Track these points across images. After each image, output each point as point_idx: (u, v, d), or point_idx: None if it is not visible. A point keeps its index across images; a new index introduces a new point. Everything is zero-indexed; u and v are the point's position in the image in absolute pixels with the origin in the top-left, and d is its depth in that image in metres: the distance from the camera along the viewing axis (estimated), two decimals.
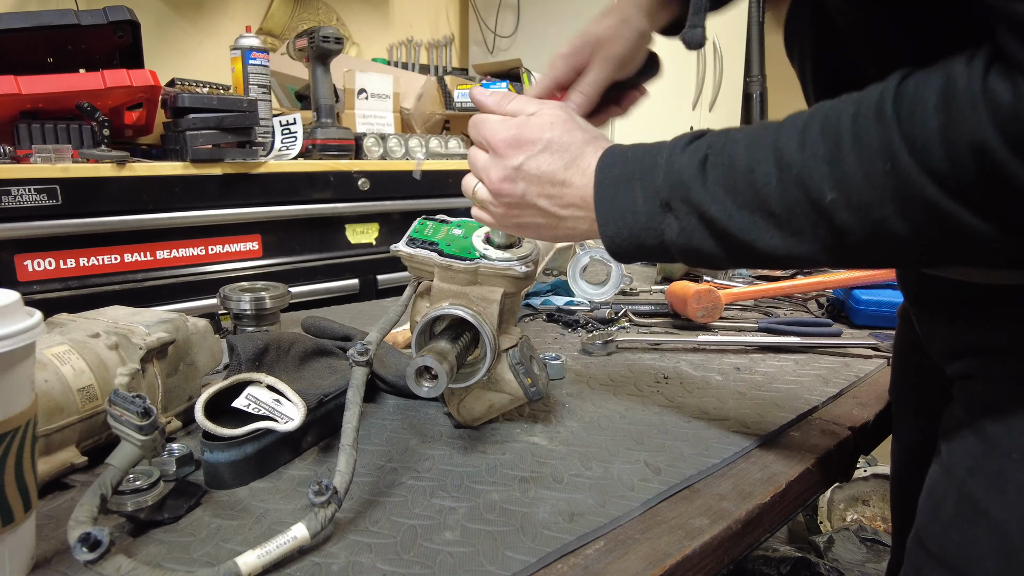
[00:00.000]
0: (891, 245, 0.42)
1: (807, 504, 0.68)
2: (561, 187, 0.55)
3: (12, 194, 1.31)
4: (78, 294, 1.43)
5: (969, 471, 0.49)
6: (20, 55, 1.50)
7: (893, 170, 0.39)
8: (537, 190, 0.56)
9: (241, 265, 1.67)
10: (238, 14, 2.47)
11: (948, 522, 0.50)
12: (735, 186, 0.46)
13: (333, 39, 1.76)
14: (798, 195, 0.43)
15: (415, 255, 0.68)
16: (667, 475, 0.61)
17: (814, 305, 1.26)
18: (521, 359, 0.67)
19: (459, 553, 0.49)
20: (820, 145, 0.42)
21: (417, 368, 0.58)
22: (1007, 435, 0.47)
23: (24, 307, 0.44)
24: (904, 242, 0.41)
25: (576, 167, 0.55)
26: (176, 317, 0.70)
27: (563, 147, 0.56)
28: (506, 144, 0.57)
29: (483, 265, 0.65)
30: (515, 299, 0.70)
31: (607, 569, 0.48)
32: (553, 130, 0.56)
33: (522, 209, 0.58)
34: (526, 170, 0.56)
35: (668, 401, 0.79)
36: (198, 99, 1.54)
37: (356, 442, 0.55)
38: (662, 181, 0.50)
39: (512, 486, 0.59)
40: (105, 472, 0.48)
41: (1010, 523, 0.46)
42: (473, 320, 0.64)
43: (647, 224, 0.51)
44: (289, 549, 0.47)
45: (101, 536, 0.43)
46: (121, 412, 0.49)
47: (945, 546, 0.50)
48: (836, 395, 0.82)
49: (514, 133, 0.57)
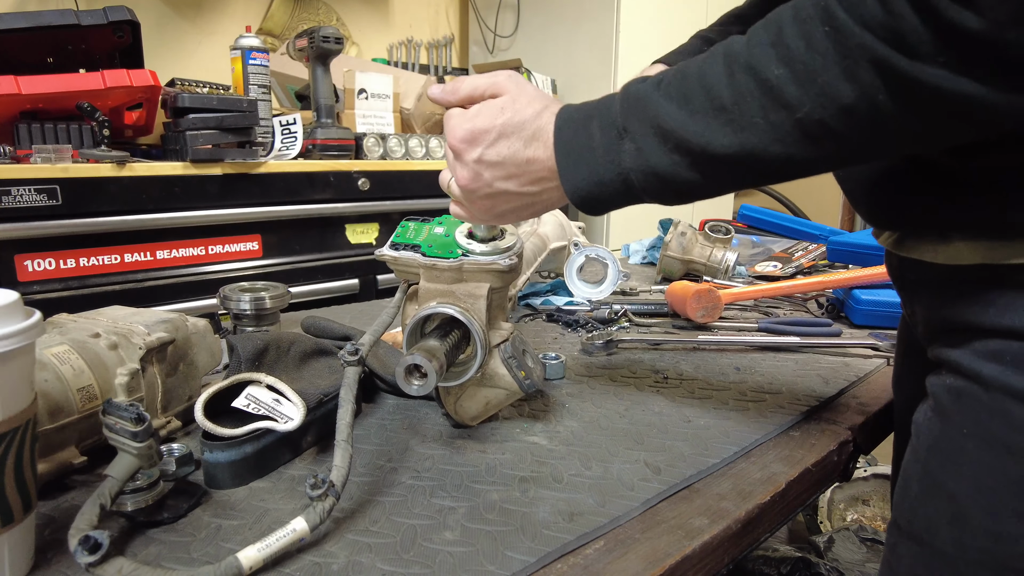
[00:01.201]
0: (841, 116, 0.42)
1: (807, 504, 0.68)
2: (526, 166, 0.55)
3: (12, 194, 1.31)
4: (78, 294, 1.43)
5: (929, 449, 0.52)
6: (20, 55, 1.50)
7: (832, 30, 0.40)
8: (503, 175, 0.56)
9: (241, 265, 1.67)
10: (238, 14, 2.47)
11: (914, 498, 0.53)
12: (687, 94, 0.47)
13: (333, 39, 1.76)
14: (747, 81, 0.44)
15: (399, 258, 0.68)
16: (667, 475, 0.61)
17: (814, 305, 1.26)
18: (513, 352, 0.67)
19: (459, 553, 0.49)
20: (764, 34, 0.44)
21: (407, 366, 0.58)
22: (959, 412, 0.50)
23: (24, 307, 0.44)
24: (853, 110, 0.41)
25: (537, 141, 0.55)
26: (176, 317, 0.70)
27: (517, 127, 0.55)
28: (463, 141, 0.57)
29: (467, 262, 0.65)
30: (502, 293, 0.70)
31: (607, 569, 0.48)
32: (504, 114, 0.56)
33: (495, 199, 0.58)
34: (487, 160, 0.56)
35: (668, 401, 0.79)
36: (198, 99, 1.54)
37: (351, 437, 0.55)
38: (618, 108, 0.50)
39: (512, 486, 0.59)
40: (104, 483, 0.49)
41: (962, 494, 0.48)
42: (461, 316, 0.64)
43: (605, 157, 0.51)
44: (289, 542, 0.47)
45: (101, 539, 0.43)
46: (115, 420, 0.50)
47: (912, 521, 0.52)
48: (836, 395, 0.82)
49: (468, 128, 0.57)
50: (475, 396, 0.69)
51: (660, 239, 1.70)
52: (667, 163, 0.48)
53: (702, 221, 1.64)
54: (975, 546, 0.47)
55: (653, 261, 1.70)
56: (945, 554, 0.49)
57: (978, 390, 0.48)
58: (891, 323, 1.10)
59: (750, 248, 1.70)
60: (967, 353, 0.50)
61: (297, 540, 0.48)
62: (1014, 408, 0.46)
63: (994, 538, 0.46)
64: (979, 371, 0.48)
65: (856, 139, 0.43)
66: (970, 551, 0.48)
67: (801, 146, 0.44)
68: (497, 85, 0.57)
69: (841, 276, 1.19)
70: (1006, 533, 0.46)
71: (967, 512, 0.48)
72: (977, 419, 0.48)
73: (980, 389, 0.48)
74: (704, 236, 1.44)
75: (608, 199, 0.53)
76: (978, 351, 0.49)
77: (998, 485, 0.46)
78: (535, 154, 0.55)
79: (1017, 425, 0.46)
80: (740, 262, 1.53)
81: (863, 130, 0.42)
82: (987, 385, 0.48)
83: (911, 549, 0.52)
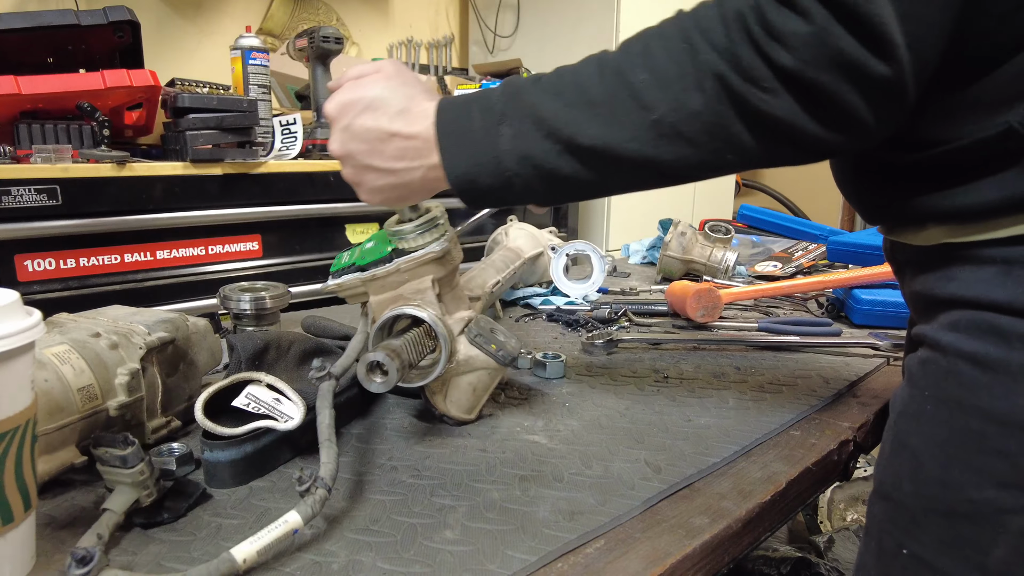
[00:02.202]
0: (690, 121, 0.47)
1: (807, 504, 0.68)
2: (389, 140, 0.57)
3: (12, 194, 1.31)
4: (78, 294, 1.43)
5: (899, 415, 0.56)
6: (20, 55, 1.50)
7: (688, 47, 0.47)
8: (367, 148, 0.58)
9: (241, 265, 1.67)
10: (238, 14, 2.47)
11: (885, 459, 0.56)
12: (563, 89, 0.52)
13: (333, 39, 1.76)
14: (615, 82, 0.50)
15: (343, 283, 0.69)
16: (667, 474, 0.61)
17: (814, 305, 1.26)
18: (479, 331, 0.69)
19: (459, 552, 0.49)
20: (634, 45, 0.50)
21: (368, 363, 0.59)
22: (923, 378, 0.54)
23: (23, 307, 0.44)
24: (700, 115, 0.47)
25: (407, 116, 0.56)
26: (176, 317, 0.70)
27: (383, 102, 0.57)
28: (335, 109, 0.59)
29: (402, 262, 0.67)
30: (450, 280, 0.71)
31: (607, 568, 0.48)
32: (373, 89, 0.57)
33: (364, 172, 0.59)
34: (354, 130, 0.58)
35: (668, 400, 0.79)
36: (198, 99, 1.54)
37: (333, 436, 0.56)
38: (498, 96, 0.54)
39: (512, 485, 0.59)
40: (103, 517, 0.49)
41: (920, 449, 0.52)
42: (413, 311, 0.65)
43: (484, 139, 0.53)
44: (282, 533, 0.47)
45: (93, 551, 0.43)
46: (104, 451, 0.50)
47: (882, 479, 0.56)
48: (836, 395, 0.82)
49: (340, 98, 0.58)
50: (459, 386, 0.70)
51: (660, 239, 1.70)
52: (540, 149, 0.52)
53: (702, 221, 1.64)
54: (928, 494, 0.51)
55: (653, 261, 1.70)
56: (906, 505, 0.53)
57: (938, 356, 0.52)
58: (891, 323, 1.10)
59: (750, 248, 1.70)
60: (934, 326, 0.53)
61: (290, 532, 0.47)
62: (964, 368, 0.50)
63: (944, 485, 0.50)
64: (939, 340, 0.52)
65: (705, 144, 0.48)
66: (925, 500, 0.51)
67: (655, 145, 0.49)
68: (379, 69, 0.60)
69: (841, 276, 1.19)
70: (954, 480, 0.49)
71: (923, 465, 0.52)
72: (936, 382, 0.52)
73: (939, 355, 0.52)
74: (704, 236, 1.44)
75: (486, 186, 0.54)
76: (942, 323, 0.52)
77: (950, 438, 0.50)
78: (399, 128, 0.56)
79: (966, 383, 0.49)
80: (740, 262, 1.53)
81: (710, 136, 0.48)
82: (945, 351, 0.51)
83: (880, 506, 0.56)
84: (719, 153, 0.49)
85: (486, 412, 0.75)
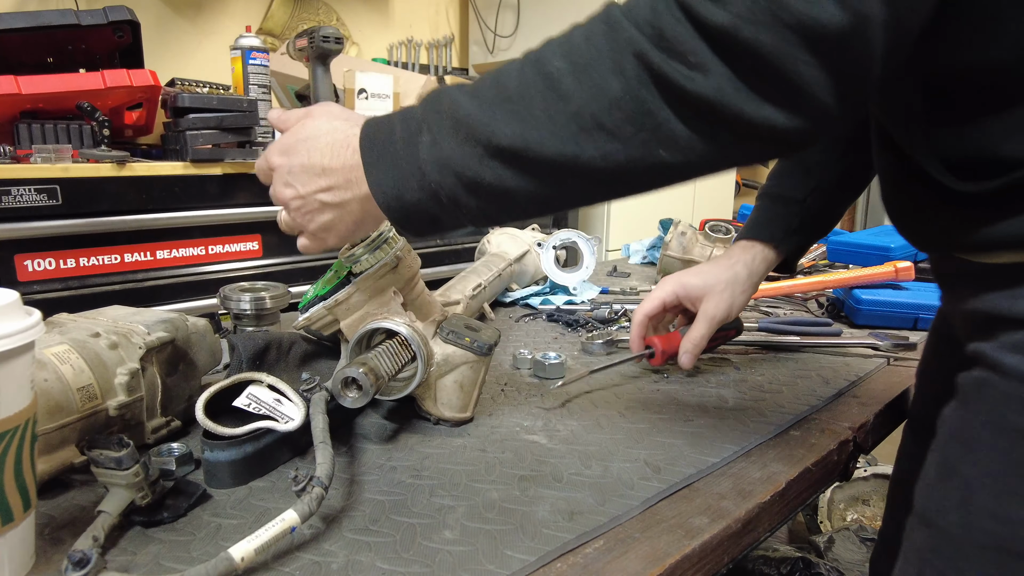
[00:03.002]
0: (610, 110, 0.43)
1: (807, 504, 0.68)
2: (332, 175, 0.55)
3: (12, 194, 1.31)
4: (78, 294, 1.43)
5: (950, 438, 0.53)
6: (20, 55, 1.50)
7: (608, 27, 0.43)
8: (312, 188, 0.56)
9: (241, 265, 1.67)
10: (238, 14, 2.47)
11: (930, 483, 0.54)
12: (481, 88, 0.48)
13: (333, 39, 1.76)
14: (531, 74, 0.46)
15: (311, 315, 0.70)
16: (667, 474, 0.61)
17: (814, 305, 1.26)
18: (451, 329, 0.71)
19: (458, 552, 0.49)
20: (558, 36, 0.47)
21: (342, 379, 0.60)
22: (980, 401, 0.51)
23: (23, 306, 0.44)
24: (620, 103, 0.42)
25: (343, 150, 0.55)
26: (176, 317, 0.70)
27: (312, 138, 0.56)
28: (276, 154, 0.58)
29: (358, 282, 0.68)
30: (413, 287, 0.72)
31: (607, 568, 0.48)
32: (304, 130, 0.57)
33: (311, 213, 0.58)
34: (295, 170, 0.57)
35: (668, 400, 0.79)
36: (198, 99, 1.54)
37: (328, 438, 0.57)
38: (419, 106, 0.51)
39: (512, 485, 0.59)
40: (98, 519, 0.49)
41: (972, 478, 0.49)
42: (382, 324, 0.66)
43: (405, 151, 0.50)
44: (279, 531, 0.47)
45: (89, 554, 0.43)
46: (99, 453, 0.50)
47: (926, 504, 0.54)
48: (836, 395, 0.82)
49: (280, 142, 0.58)
50: (445, 386, 0.71)
51: (660, 239, 1.70)
52: (459, 155, 0.48)
53: (702, 221, 1.64)
54: (980, 527, 0.48)
55: (653, 261, 1.70)
56: (952, 536, 0.50)
57: (997, 379, 0.49)
58: (891, 323, 1.10)
59: None
60: (994, 346, 0.50)
61: (287, 530, 0.47)
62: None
63: (996, 519, 0.47)
64: (1001, 361, 0.49)
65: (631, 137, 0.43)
66: (975, 533, 0.48)
67: (576, 141, 0.44)
68: (309, 112, 0.59)
69: (841, 276, 1.19)
70: (1008, 515, 0.47)
71: (975, 495, 0.49)
72: (994, 407, 0.49)
73: (999, 378, 0.49)
74: (704, 236, 1.44)
75: (413, 201, 0.51)
76: (1004, 343, 0.50)
77: (1007, 469, 0.47)
78: (335, 164, 0.55)
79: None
80: None
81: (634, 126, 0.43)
82: (1005, 373, 0.48)
83: (922, 532, 0.53)
84: (648, 147, 0.43)
85: (485, 412, 0.75)
